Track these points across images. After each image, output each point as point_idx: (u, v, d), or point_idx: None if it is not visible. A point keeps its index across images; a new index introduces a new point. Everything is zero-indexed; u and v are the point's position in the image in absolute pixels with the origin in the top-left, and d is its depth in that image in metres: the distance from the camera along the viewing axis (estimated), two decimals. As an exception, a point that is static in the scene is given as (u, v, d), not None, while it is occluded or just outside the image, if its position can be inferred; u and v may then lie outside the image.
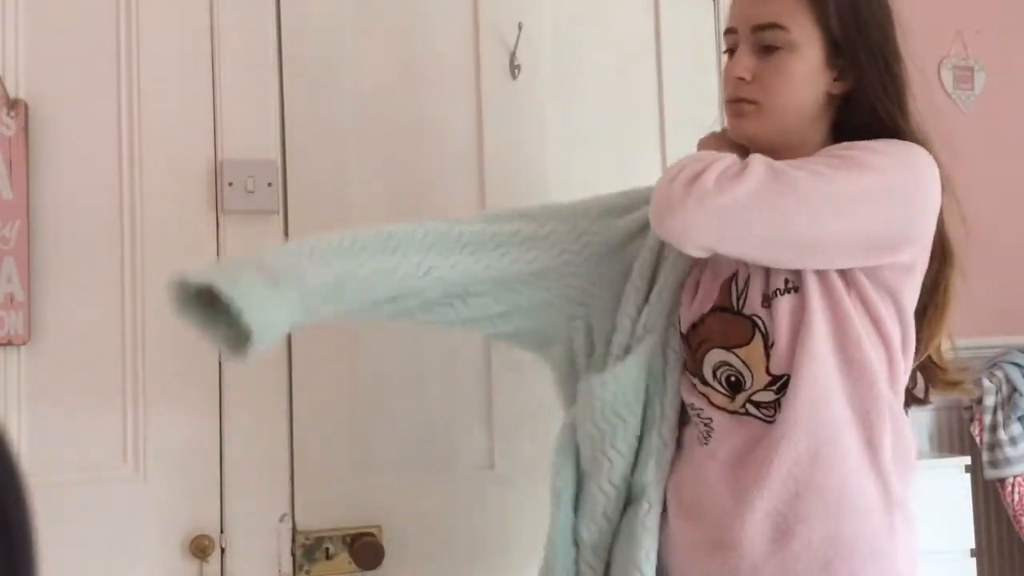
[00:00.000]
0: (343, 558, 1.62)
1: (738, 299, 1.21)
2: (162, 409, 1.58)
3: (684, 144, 1.87)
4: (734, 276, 1.23)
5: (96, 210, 1.58)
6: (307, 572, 1.61)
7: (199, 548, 1.56)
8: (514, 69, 1.79)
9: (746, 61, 1.23)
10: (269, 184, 1.64)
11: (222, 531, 1.59)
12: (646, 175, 1.86)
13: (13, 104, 1.53)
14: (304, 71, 1.68)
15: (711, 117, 1.90)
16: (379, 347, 1.69)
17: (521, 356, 1.75)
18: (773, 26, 1.22)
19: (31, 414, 1.53)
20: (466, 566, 1.70)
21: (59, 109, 1.57)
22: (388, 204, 1.72)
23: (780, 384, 1.18)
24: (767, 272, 1.20)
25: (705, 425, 1.24)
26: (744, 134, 1.27)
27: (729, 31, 1.27)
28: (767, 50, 1.23)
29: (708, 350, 1.23)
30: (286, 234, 1.65)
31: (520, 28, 1.77)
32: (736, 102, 1.25)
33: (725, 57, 1.30)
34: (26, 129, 1.54)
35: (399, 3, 1.75)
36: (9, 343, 1.51)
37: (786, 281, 1.18)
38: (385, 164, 1.72)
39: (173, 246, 1.60)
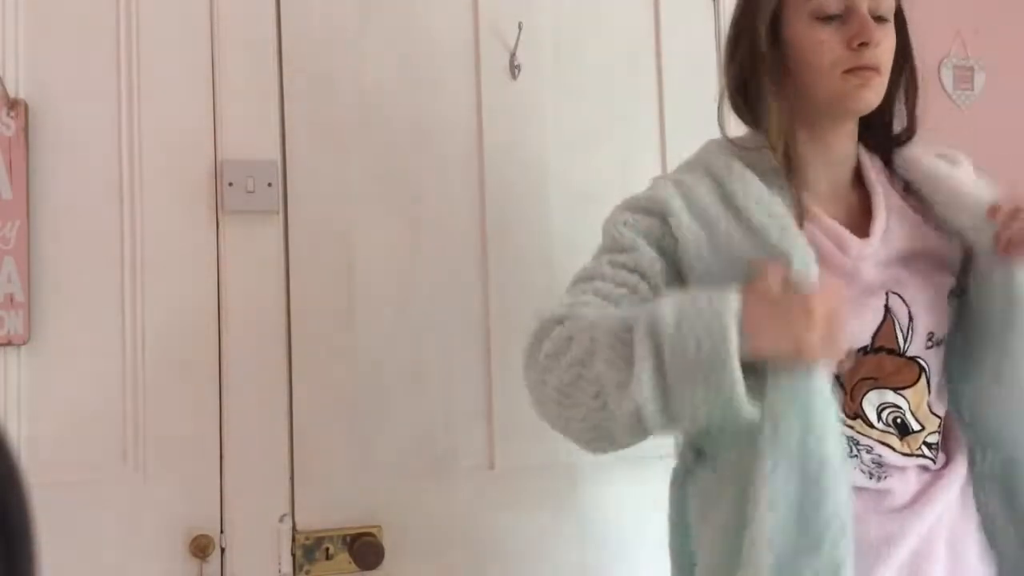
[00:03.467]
0: (343, 558, 1.62)
1: (904, 341, 1.18)
2: (162, 409, 1.58)
3: (684, 144, 1.88)
4: (893, 319, 1.18)
5: (96, 210, 1.58)
6: (307, 572, 1.61)
7: (199, 548, 1.56)
8: (514, 69, 1.79)
9: (877, 30, 1.16)
10: (269, 184, 1.64)
11: (222, 531, 1.59)
12: (646, 175, 1.87)
13: (13, 104, 1.53)
14: (304, 71, 1.68)
15: (711, 117, 1.90)
16: (379, 347, 1.69)
17: (521, 357, 1.75)
18: None
19: (31, 414, 1.53)
20: (466, 566, 1.70)
21: (59, 109, 1.57)
22: (388, 204, 1.72)
23: (940, 426, 1.21)
24: (931, 317, 1.19)
25: (874, 463, 1.18)
26: (868, 105, 1.20)
27: None
28: (877, 19, 1.18)
29: (869, 390, 1.17)
30: (286, 234, 1.65)
31: (520, 28, 1.78)
32: (864, 69, 1.17)
33: (813, 23, 1.19)
34: (26, 129, 1.54)
35: (399, 3, 1.75)
36: (9, 343, 1.51)
37: (940, 329, 1.20)
38: (385, 164, 1.72)
39: (173, 246, 1.60)
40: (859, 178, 1.28)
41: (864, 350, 1.16)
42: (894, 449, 1.17)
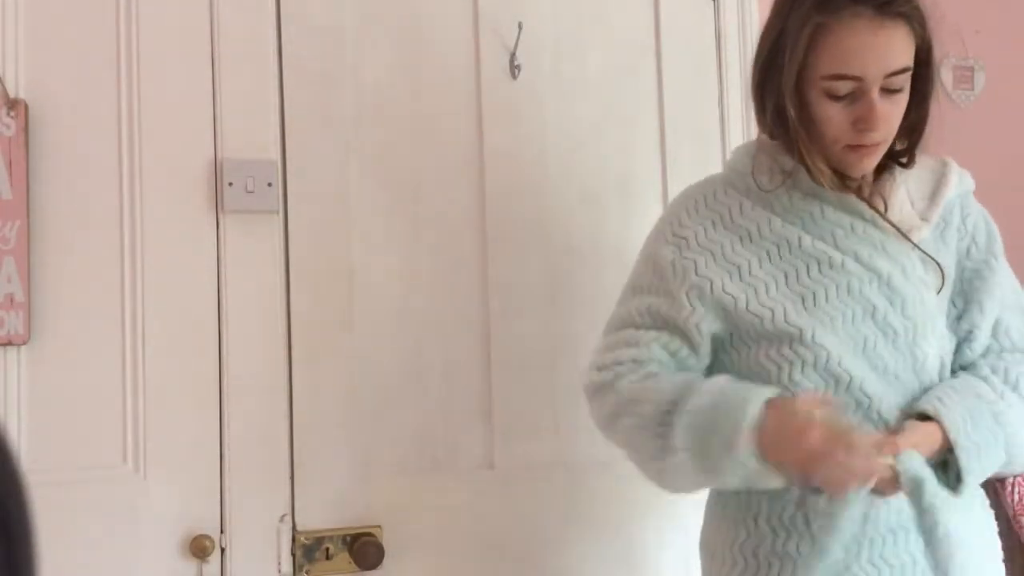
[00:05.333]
0: (343, 558, 1.62)
1: None
2: (162, 409, 1.58)
3: (684, 143, 1.88)
4: None
5: (96, 210, 1.58)
6: (307, 572, 1.61)
7: (199, 548, 1.56)
8: (514, 69, 1.79)
9: (884, 108, 1.21)
10: (269, 184, 1.64)
11: (222, 531, 1.59)
12: (646, 175, 1.87)
13: (13, 104, 1.53)
14: (304, 70, 1.68)
15: (711, 117, 1.91)
16: (379, 347, 1.69)
17: (521, 356, 1.75)
18: (903, 70, 1.22)
19: (31, 414, 1.53)
20: (466, 566, 1.70)
21: (59, 109, 1.57)
22: (388, 204, 1.72)
23: None
24: None
25: None
26: (865, 171, 1.28)
27: (846, 77, 1.20)
28: (890, 92, 1.22)
29: None
30: (286, 234, 1.65)
31: (520, 28, 1.77)
32: (871, 145, 1.24)
33: (823, 97, 1.24)
34: (26, 129, 1.54)
35: (399, 3, 1.75)
36: (9, 343, 1.51)
37: None
38: (385, 164, 1.72)
39: (173, 246, 1.60)
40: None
41: None
42: None
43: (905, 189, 1.31)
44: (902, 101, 1.24)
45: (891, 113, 1.23)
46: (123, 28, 1.61)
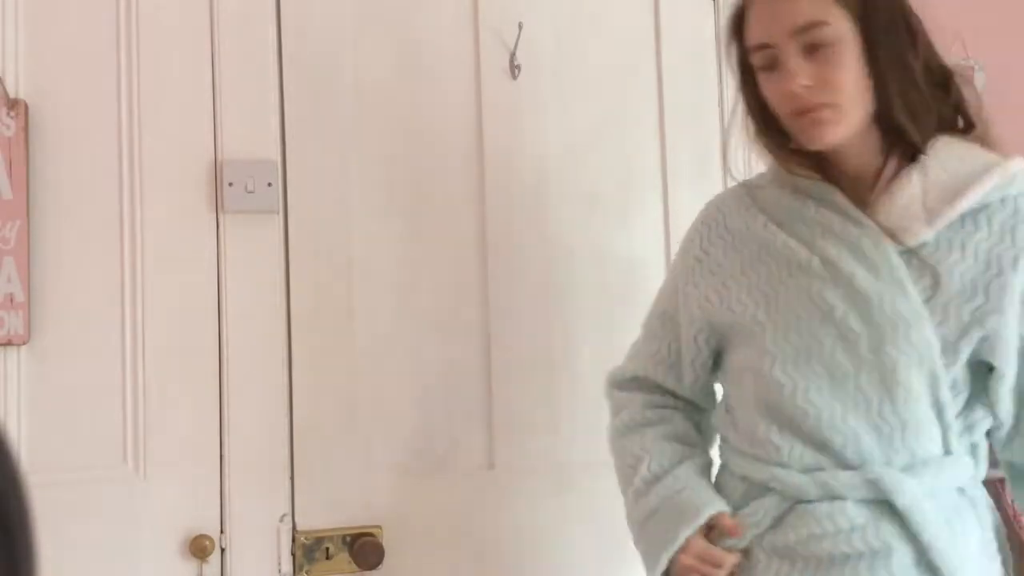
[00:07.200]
0: (343, 558, 1.62)
1: None
2: (162, 409, 1.58)
3: (684, 143, 1.88)
4: None
5: (96, 210, 1.58)
6: (307, 572, 1.61)
7: (199, 548, 1.56)
8: (514, 69, 1.79)
9: (801, 66, 1.16)
10: (269, 184, 1.64)
11: (222, 531, 1.59)
12: (646, 175, 1.87)
13: (13, 104, 1.53)
14: (304, 71, 1.68)
15: (710, 117, 1.91)
16: (379, 347, 1.69)
17: (521, 357, 1.75)
18: (813, 24, 1.15)
19: (31, 414, 1.53)
20: (466, 566, 1.70)
21: (59, 109, 1.57)
22: (388, 204, 1.72)
23: None
24: None
25: None
26: (828, 141, 1.19)
27: (759, 47, 1.19)
28: (813, 49, 1.16)
29: None
30: (286, 234, 1.65)
31: (520, 28, 1.77)
32: (811, 111, 1.17)
33: (762, 74, 1.22)
34: (26, 129, 1.54)
35: (399, 3, 1.75)
36: (9, 343, 1.51)
37: None
38: (385, 164, 1.72)
39: (173, 246, 1.60)
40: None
41: None
42: None
43: (922, 187, 1.18)
44: (835, 58, 1.15)
45: (819, 72, 1.15)
46: (123, 28, 1.61)
